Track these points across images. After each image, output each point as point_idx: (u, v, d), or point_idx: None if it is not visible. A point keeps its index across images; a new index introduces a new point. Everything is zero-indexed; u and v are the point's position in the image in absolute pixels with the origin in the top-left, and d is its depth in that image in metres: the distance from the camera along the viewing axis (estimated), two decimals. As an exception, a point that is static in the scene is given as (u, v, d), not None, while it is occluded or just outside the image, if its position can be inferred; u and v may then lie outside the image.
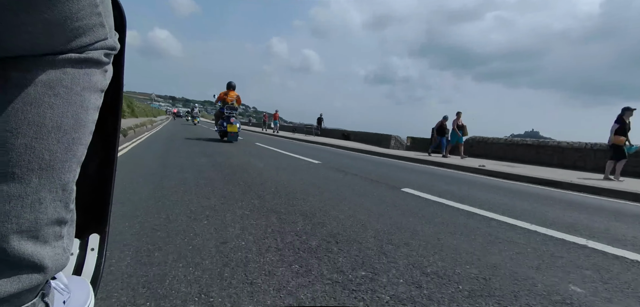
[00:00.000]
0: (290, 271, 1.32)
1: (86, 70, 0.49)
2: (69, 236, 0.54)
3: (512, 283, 1.37)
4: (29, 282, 0.46)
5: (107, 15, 0.52)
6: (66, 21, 0.44)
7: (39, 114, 0.45)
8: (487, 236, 2.05)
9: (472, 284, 1.32)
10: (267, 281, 1.22)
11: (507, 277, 1.43)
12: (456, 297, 1.21)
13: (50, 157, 0.46)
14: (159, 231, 1.67)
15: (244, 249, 1.51)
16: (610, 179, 5.87)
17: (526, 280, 1.42)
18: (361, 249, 1.62)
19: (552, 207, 3.29)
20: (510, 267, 1.54)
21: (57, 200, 0.48)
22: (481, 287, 1.30)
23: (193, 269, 1.27)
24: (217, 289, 1.12)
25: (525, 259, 1.69)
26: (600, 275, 1.55)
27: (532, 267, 1.58)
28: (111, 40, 0.53)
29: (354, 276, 1.31)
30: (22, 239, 0.45)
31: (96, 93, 0.52)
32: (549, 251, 1.85)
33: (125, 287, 1.09)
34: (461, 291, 1.26)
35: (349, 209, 2.42)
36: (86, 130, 0.51)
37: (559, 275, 1.51)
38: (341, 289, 1.20)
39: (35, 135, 0.44)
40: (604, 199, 4.33)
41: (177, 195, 2.48)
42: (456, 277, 1.39)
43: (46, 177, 0.46)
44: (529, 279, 1.42)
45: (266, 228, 1.85)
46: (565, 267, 1.62)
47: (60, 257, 0.51)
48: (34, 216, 0.45)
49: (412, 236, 1.90)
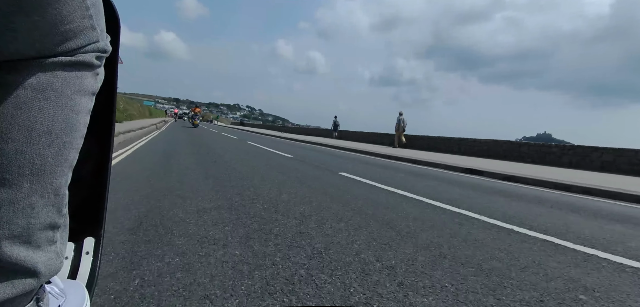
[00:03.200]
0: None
1: (77, 74, 0.49)
2: (63, 240, 0.54)
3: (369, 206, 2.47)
4: (23, 287, 0.46)
5: (99, 17, 0.52)
6: (57, 24, 0.44)
7: (29, 118, 0.44)
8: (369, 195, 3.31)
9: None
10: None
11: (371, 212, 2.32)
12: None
13: (41, 162, 0.45)
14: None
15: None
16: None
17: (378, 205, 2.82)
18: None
19: (423, 180, 4.75)
20: (372, 212, 2.54)
21: (49, 205, 0.48)
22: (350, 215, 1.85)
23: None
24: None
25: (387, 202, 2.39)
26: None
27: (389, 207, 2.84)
28: (102, 43, 0.53)
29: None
30: (15, 244, 0.44)
31: (87, 96, 0.51)
32: (398, 202, 3.06)
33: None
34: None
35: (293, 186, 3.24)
36: (77, 134, 0.50)
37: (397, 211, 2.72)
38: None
39: (25, 140, 0.44)
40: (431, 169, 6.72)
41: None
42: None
43: (37, 182, 0.45)
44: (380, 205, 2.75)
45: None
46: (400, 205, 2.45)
47: (54, 262, 0.51)
48: (26, 221, 0.45)
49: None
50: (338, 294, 1.20)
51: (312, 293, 1.19)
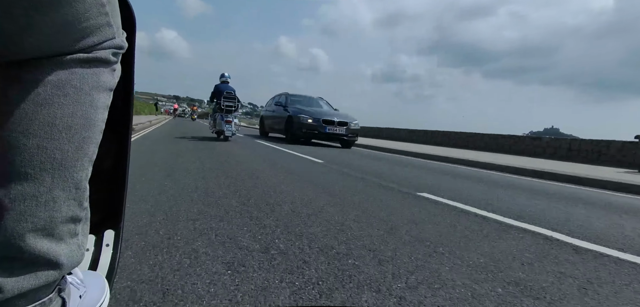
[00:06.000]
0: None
1: (94, 70, 0.50)
2: (84, 233, 0.56)
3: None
4: (46, 278, 0.48)
5: (114, 14, 0.53)
6: (74, 22, 0.45)
7: (50, 114, 0.45)
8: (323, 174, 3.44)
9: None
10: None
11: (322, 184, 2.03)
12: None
13: (62, 157, 0.47)
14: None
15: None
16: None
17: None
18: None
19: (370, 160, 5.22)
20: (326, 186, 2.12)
21: (71, 198, 0.49)
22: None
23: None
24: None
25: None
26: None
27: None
28: (119, 40, 0.54)
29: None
30: (38, 237, 0.46)
31: (105, 92, 0.52)
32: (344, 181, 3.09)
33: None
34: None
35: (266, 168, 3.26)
36: (96, 129, 0.51)
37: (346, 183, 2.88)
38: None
39: (46, 135, 0.45)
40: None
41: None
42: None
43: (59, 176, 0.47)
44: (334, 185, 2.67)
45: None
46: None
47: (75, 254, 0.52)
48: (48, 214, 0.46)
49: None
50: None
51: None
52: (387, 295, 1.01)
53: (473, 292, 1.08)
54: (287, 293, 0.98)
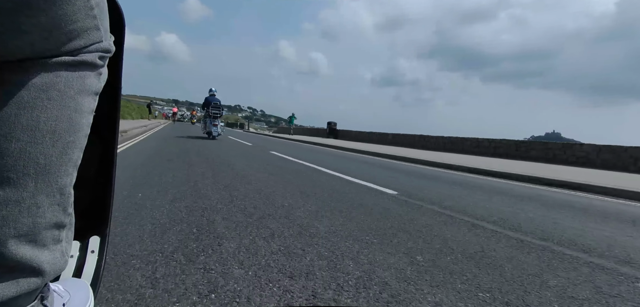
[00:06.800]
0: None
1: (80, 74, 0.49)
2: (68, 239, 0.54)
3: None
4: (28, 286, 0.46)
5: (103, 17, 0.52)
6: (61, 24, 0.44)
7: (33, 118, 0.44)
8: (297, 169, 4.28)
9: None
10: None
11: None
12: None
13: (46, 161, 0.46)
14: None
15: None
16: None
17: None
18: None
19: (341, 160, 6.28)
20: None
21: (54, 204, 0.48)
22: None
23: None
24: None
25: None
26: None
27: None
28: (106, 43, 0.53)
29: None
30: (20, 243, 0.45)
31: (90, 96, 0.51)
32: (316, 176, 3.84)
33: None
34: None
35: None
36: (81, 133, 0.50)
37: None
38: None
39: (29, 140, 0.44)
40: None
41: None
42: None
43: (42, 181, 0.46)
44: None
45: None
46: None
47: (59, 261, 0.51)
48: (31, 220, 0.45)
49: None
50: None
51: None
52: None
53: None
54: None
